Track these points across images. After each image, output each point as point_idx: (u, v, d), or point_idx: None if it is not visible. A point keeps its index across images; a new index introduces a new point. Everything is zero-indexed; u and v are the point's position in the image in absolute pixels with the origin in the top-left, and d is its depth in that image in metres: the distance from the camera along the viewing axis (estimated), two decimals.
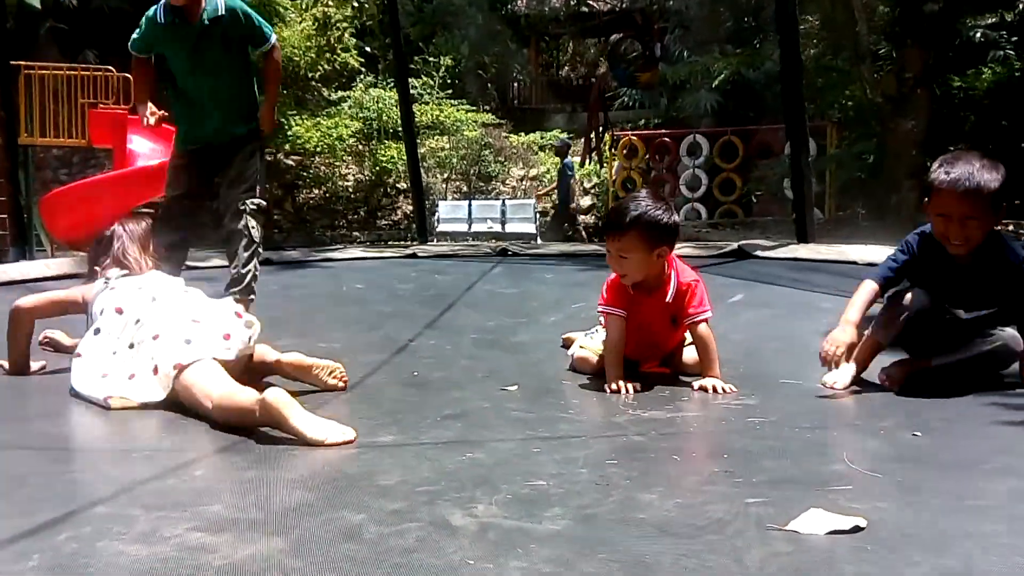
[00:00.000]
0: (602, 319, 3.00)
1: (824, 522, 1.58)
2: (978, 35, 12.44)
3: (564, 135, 17.31)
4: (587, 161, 16.54)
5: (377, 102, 15.45)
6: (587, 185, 15.57)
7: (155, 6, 3.82)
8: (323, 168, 15.62)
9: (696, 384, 2.79)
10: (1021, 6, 12.81)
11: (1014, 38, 12.42)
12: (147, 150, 12.21)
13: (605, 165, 15.30)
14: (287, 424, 2.17)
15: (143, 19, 3.88)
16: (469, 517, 1.64)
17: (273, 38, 4.08)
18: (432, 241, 8.39)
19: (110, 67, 12.32)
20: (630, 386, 2.74)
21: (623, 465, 1.97)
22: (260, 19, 4.04)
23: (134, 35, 3.97)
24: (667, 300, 2.95)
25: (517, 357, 3.24)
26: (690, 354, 3.03)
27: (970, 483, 1.87)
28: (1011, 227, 11.63)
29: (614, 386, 2.73)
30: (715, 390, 2.71)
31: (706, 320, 2.91)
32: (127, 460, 2.08)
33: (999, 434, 2.28)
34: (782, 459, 2.01)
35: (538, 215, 13.86)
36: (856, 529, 1.56)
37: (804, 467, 1.96)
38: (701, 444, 2.24)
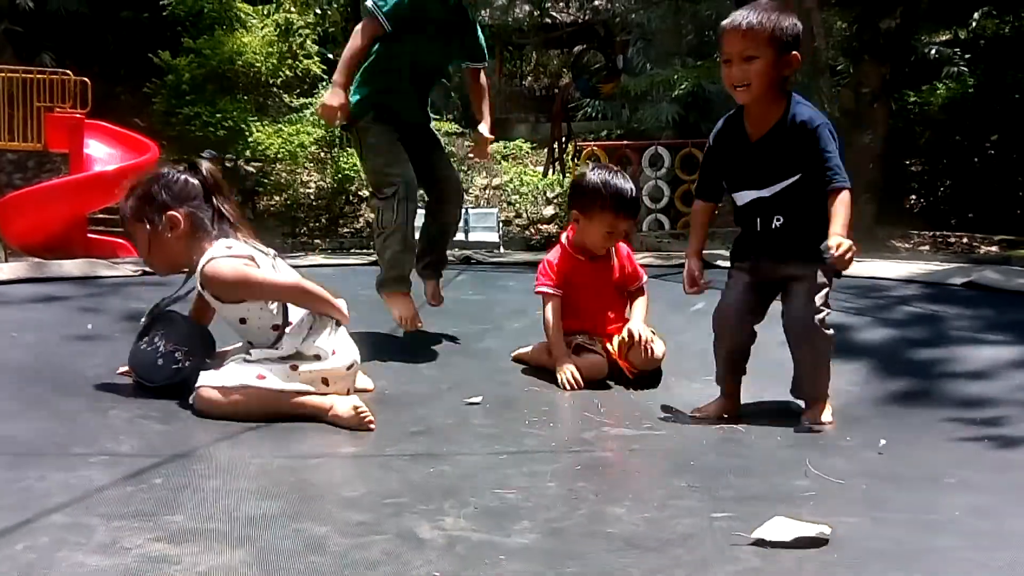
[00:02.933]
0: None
1: (789, 529, 1.59)
2: (933, 52, 12.71)
3: (526, 144, 17.35)
4: (550, 171, 16.58)
5: None
6: (550, 195, 15.60)
7: None
8: (284, 175, 15.48)
9: (626, 329, 3.17)
10: (974, 24, 13.10)
11: (967, 55, 12.71)
12: (104, 155, 12.06)
13: (568, 175, 15.34)
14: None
15: None
16: (437, 530, 1.62)
17: None
18: None
19: (67, 71, 12.11)
20: (577, 376, 2.93)
21: (591, 479, 1.97)
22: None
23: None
24: (613, 263, 3.30)
25: (482, 366, 3.23)
26: (638, 352, 3.17)
27: (931, 498, 1.89)
28: (965, 239, 11.88)
29: (567, 381, 2.85)
30: (646, 348, 3.13)
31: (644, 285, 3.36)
32: (85, 465, 2.01)
33: (958, 448, 2.32)
34: (747, 474, 2.03)
35: (501, 224, 13.85)
36: (820, 536, 1.57)
37: (769, 482, 1.98)
38: (668, 459, 2.24)
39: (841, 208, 2.60)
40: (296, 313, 2.59)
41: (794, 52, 2.66)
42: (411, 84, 3.38)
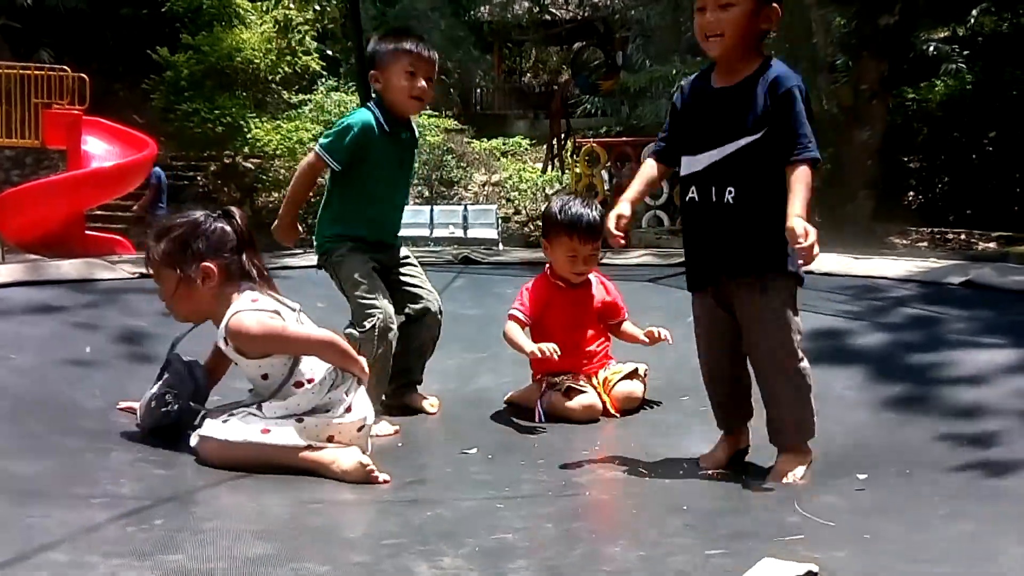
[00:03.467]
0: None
1: (778, 571, 1.58)
2: (931, 49, 12.72)
3: (525, 141, 17.36)
4: (549, 167, 16.58)
5: (338, 106, 15.38)
6: (549, 192, 15.61)
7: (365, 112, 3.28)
8: (283, 171, 15.47)
9: (651, 331, 3.26)
10: (972, 21, 13.10)
11: (966, 52, 12.71)
12: (102, 152, 12.05)
13: (567, 171, 15.35)
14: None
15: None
16: (435, 569, 1.62)
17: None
18: None
19: (65, 67, 12.10)
20: (548, 347, 2.95)
21: (587, 520, 1.97)
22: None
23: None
24: (593, 291, 3.28)
25: (477, 412, 3.23)
26: (623, 388, 3.19)
27: (923, 529, 1.88)
28: (963, 236, 11.89)
29: (536, 349, 2.96)
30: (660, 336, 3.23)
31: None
32: (86, 505, 2.01)
33: (949, 481, 2.30)
34: (741, 512, 2.01)
35: (500, 221, 13.86)
36: (810, 575, 1.57)
37: (762, 519, 1.97)
38: (662, 498, 2.24)
39: (802, 186, 2.28)
40: (319, 370, 2.54)
41: (774, 4, 2.38)
42: (377, 211, 3.31)
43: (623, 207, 2.51)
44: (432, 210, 13.95)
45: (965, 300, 4.02)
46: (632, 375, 3.23)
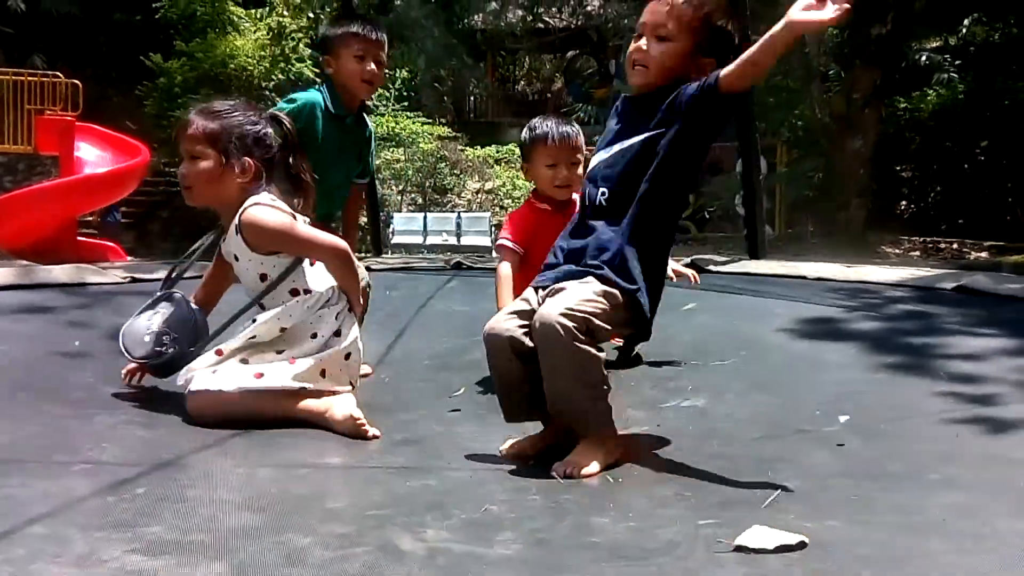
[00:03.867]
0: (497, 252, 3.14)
1: (769, 538, 1.58)
2: (923, 58, 12.77)
3: (519, 149, 17.37)
4: None
5: None
6: None
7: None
8: None
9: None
10: (964, 31, 13.17)
11: (957, 62, 12.77)
12: (95, 158, 12.02)
13: None
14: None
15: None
16: (419, 542, 1.60)
17: None
18: (387, 253, 8.36)
19: (58, 73, 12.08)
20: None
21: (576, 492, 1.95)
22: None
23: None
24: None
25: (469, 375, 3.21)
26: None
27: (916, 498, 1.88)
28: (955, 245, 11.92)
29: None
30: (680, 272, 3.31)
31: None
32: (66, 474, 1.97)
33: (941, 438, 2.30)
34: (732, 478, 2.01)
35: (493, 228, 13.87)
36: (802, 544, 1.56)
37: (754, 486, 1.96)
38: (652, 466, 2.22)
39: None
40: (317, 283, 2.56)
41: (711, 60, 2.21)
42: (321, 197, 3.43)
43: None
44: (426, 217, 13.97)
45: (957, 301, 4.04)
46: None
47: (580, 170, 3.12)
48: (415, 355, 3.53)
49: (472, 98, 22.63)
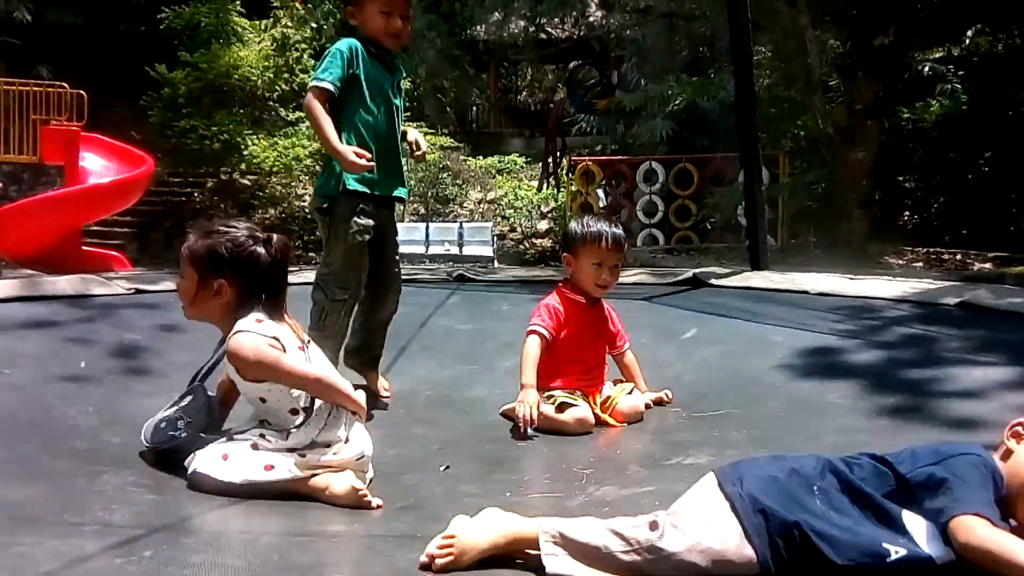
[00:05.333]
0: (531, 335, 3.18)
1: None
2: (926, 69, 12.78)
3: (521, 159, 17.40)
4: (544, 185, 16.63)
5: None
6: (544, 209, 15.64)
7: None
8: (279, 188, 15.49)
9: (650, 399, 3.28)
10: (967, 42, 13.19)
11: (961, 72, 12.78)
12: (99, 168, 12.04)
13: (562, 190, 15.38)
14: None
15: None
16: None
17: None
18: None
19: (63, 83, 12.13)
20: (534, 415, 2.95)
21: None
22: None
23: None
24: (605, 313, 3.34)
25: (471, 418, 3.22)
26: (628, 403, 3.22)
27: None
28: (958, 256, 11.91)
29: (524, 418, 2.94)
30: (666, 398, 3.33)
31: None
32: (77, 534, 2.00)
33: None
34: None
35: (495, 238, 13.88)
36: None
37: None
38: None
39: None
40: (318, 401, 2.52)
41: None
42: (379, 147, 3.21)
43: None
44: (428, 227, 13.97)
45: (960, 320, 4.03)
46: (632, 391, 3.27)
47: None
48: (416, 387, 3.52)
49: (474, 109, 22.70)
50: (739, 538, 1.70)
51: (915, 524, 1.72)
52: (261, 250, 2.59)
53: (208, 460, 2.42)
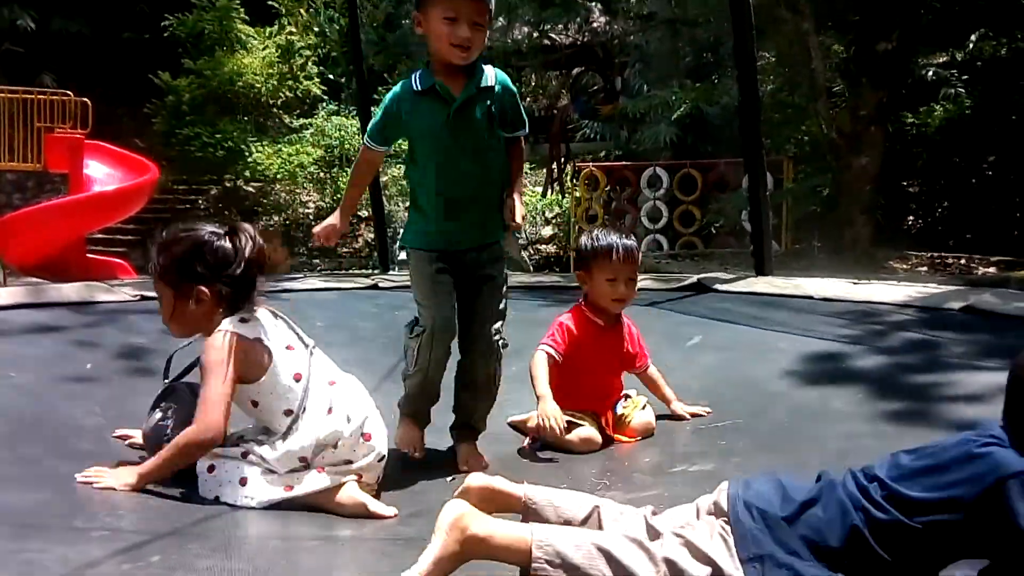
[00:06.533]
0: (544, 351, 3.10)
1: None
2: (930, 74, 12.76)
3: (525, 165, 17.38)
4: (548, 191, 16.62)
5: (339, 130, 15.42)
6: (548, 215, 15.64)
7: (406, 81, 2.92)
8: (283, 195, 15.51)
9: (682, 411, 3.27)
10: (971, 46, 13.17)
11: (964, 77, 12.76)
12: (103, 175, 12.08)
13: (567, 195, 15.38)
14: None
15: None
16: None
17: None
18: (394, 270, 8.36)
19: (67, 91, 12.16)
20: (557, 421, 2.85)
21: None
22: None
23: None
24: (624, 337, 3.23)
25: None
26: (641, 420, 3.18)
27: None
28: (962, 261, 11.89)
29: (552, 426, 2.85)
30: (703, 413, 3.25)
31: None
32: (85, 540, 2.01)
33: None
34: None
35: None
36: None
37: None
38: None
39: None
40: (316, 399, 2.44)
41: None
42: (444, 204, 2.83)
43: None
44: None
45: (965, 325, 4.01)
46: (646, 407, 3.22)
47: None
48: None
49: None
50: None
51: None
52: (227, 244, 2.49)
53: (228, 494, 2.37)
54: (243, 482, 2.37)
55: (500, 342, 2.93)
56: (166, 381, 2.72)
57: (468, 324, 2.90)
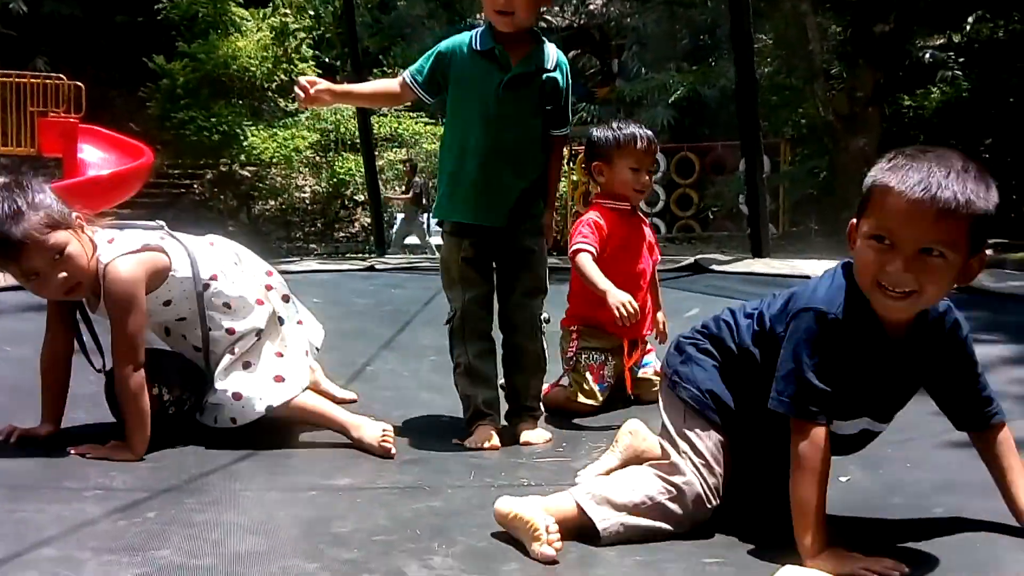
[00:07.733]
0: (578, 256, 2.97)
1: None
2: (927, 56, 12.75)
3: None
4: None
5: (335, 113, 15.38)
6: None
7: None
8: (279, 179, 15.49)
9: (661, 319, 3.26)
10: (968, 28, 13.15)
11: (961, 59, 12.75)
12: (97, 159, 12.05)
13: (564, 178, 15.36)
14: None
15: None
16: (425, 569, 1.60)
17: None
18: (390, 253, 8.37)
19: (61, 75, 12.10)
20: (628, 305, 2.75)
21: None
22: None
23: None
24: (642, 220, 3.22)
25: None
26: (645, 382, 3.10)
27: (924, 533, 1.82)
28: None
29: (626, 315, 2.74)
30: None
31: None
32: (79, 499, 2.00)
33: (944, 465, 2.25)
34: (735, 517, 1.92)
35: None
36: None
37: (759, 525, 1.89)
38: None
39: None
40: (234, 287, 2.50)
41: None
42: (479, 171, 2.66)
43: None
44: (429, 218, 13.96)
45: (961, 303, 4.02)
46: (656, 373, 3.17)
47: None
48: (421, 353, 3.54)
49: None
50: None
51: None
52: (31, 182, 2.43)
53: (238, 411, 2.43)
54: (235, 396, 2.44)
55: (543, 317, 2.82)
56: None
57: (507, 299, 2.79)
